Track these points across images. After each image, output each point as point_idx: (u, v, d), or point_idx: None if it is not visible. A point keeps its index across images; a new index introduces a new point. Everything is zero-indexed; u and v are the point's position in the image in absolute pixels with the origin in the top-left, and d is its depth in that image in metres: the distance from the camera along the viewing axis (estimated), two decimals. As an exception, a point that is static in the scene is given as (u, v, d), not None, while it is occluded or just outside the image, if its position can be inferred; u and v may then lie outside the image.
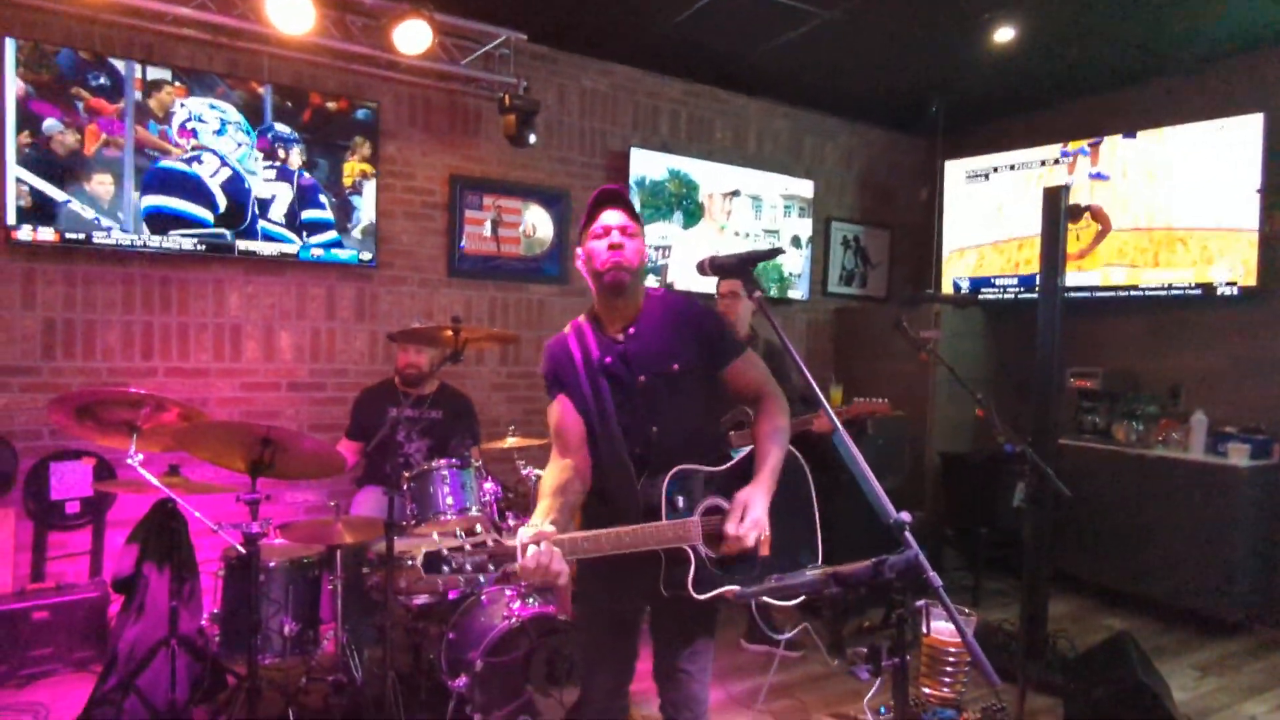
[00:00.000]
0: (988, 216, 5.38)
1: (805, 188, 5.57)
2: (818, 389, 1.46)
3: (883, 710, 2.93)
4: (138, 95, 3.57)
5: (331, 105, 4.02)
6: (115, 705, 2.83)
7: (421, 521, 2.63)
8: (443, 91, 4.40)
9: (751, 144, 5.53)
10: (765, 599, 1.90)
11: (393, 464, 3.38)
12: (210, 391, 3.88)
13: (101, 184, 3.51)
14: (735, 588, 1.71)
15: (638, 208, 2.02)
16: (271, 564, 2.80)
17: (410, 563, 2.74)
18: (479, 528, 2.95)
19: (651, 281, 5.03)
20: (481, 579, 1.32)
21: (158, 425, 2.59)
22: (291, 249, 3.95)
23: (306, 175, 3.97)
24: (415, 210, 4.38)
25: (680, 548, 1.69)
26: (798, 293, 5.63)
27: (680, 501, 1.75)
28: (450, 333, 2.64)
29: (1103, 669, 2.74)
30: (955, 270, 5.56)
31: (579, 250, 1.88)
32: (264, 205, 3.87)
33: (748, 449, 1.88)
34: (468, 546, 1.40)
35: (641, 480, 1.77)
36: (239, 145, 3.80)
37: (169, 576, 2.88)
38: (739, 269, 1.67)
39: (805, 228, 5.60)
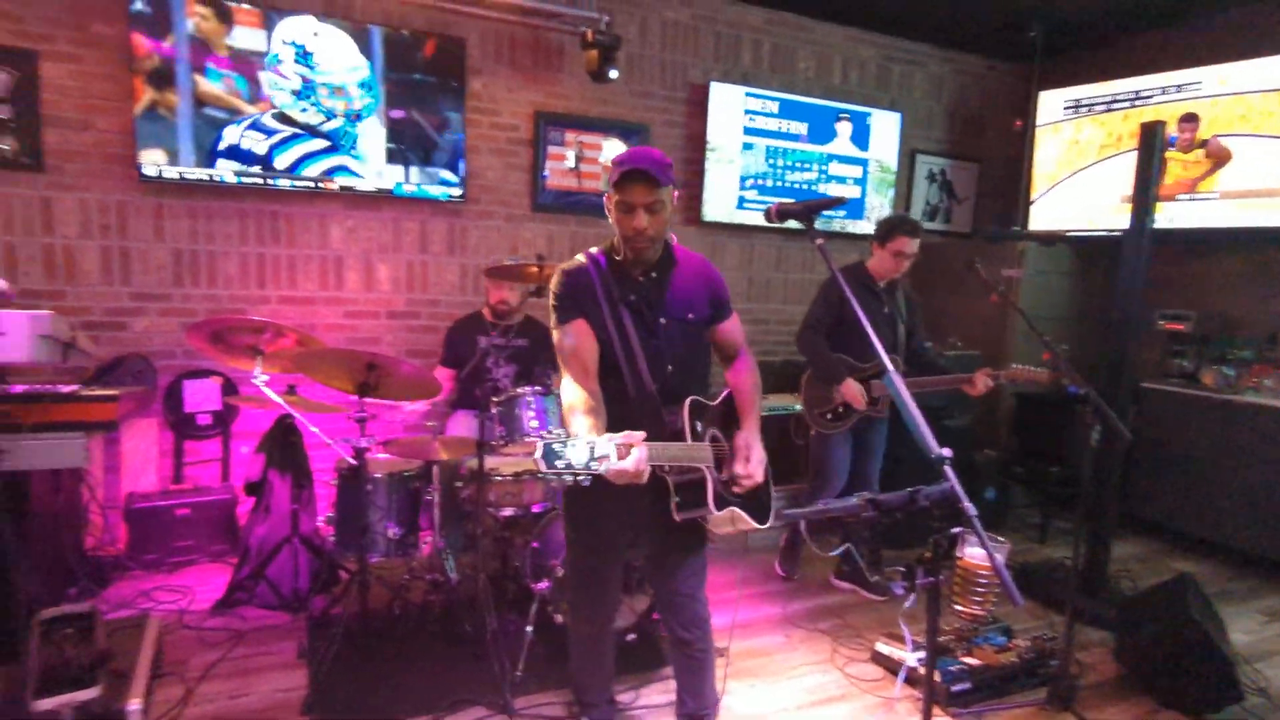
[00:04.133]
0: (1083, 149, 5.15)
1: (891, 121, 5.45)
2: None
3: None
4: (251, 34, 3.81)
5: (419, 42, 4.17)
6: (249, 590, 3.28)
7: (509, 442, 2.88)
8: (527, 27, 4.48)
9: (836, 74, 5.41)
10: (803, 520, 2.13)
11: (482, 389, 3.67)
12: (317, 318, 4.23)
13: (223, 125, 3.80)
14: (743, 514, 1.99)
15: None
16: (377, 475, 3.13)
17: (499, 478, 3.01)
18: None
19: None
20: (581, 477, 1.46)
21: (278, 349, 2.90)
22: (387, 184, 4.19)
23: (398, 111, 4.16)
24: (501, 146, 4.54)
25: (697, 469, 1.89)
26: (877, 228, 5.58)
27: (698, 427, 1.97)
28: (535, 269, 2.83)
29: (1157, 607, 2.81)
30: (1045, 207, 5.38)
31: (605, 194, 1.96)
32: (357, 141, 4.10)
33: (725, 391, 2.15)
34: (573, 445, 1.49)
35: (664, 410, 1.95)
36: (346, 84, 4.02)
37: (290, 483, 3.26)
38: (804, 215, 1.77)
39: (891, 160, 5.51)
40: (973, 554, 2.92)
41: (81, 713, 1.83)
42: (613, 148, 4.79)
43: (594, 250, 2.06)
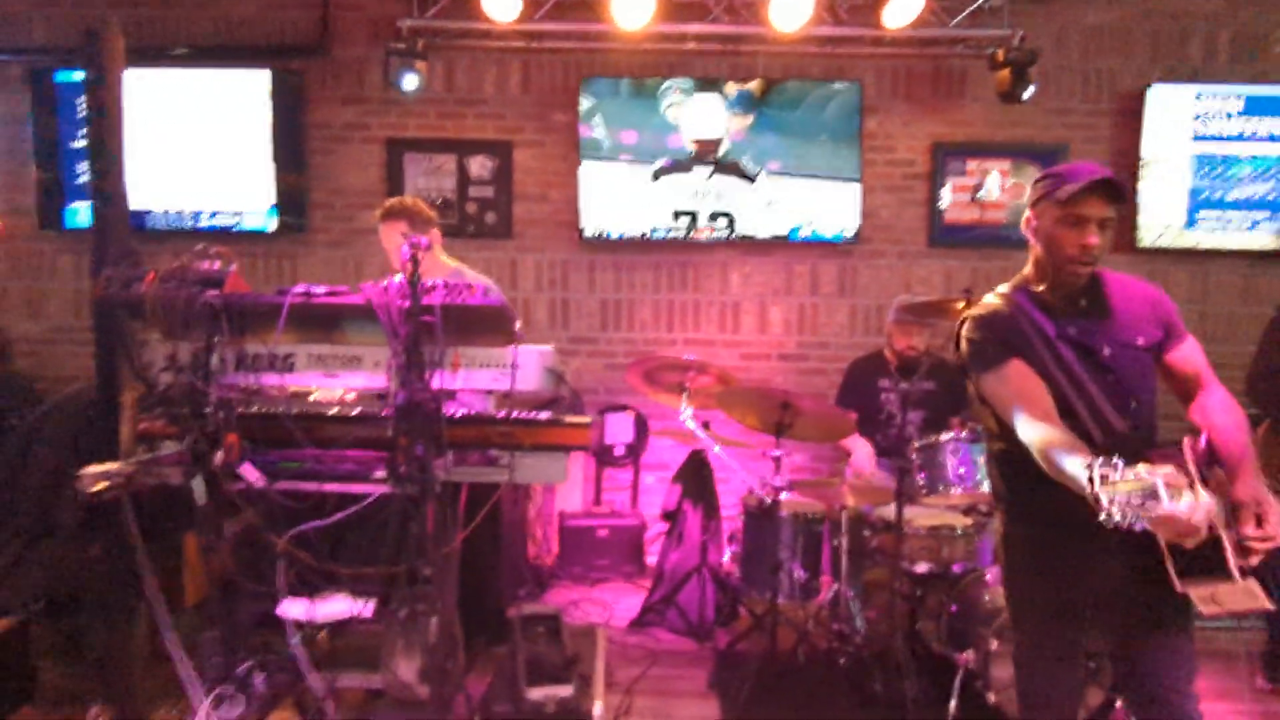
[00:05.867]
0: None
1: None
2: None
3: None
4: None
5: (814, 89, 4.23)
6: (660, 613, 3.49)
7: (931, 492, 2.67)
8: (926, 58, 4.31)
9: (1330, 55, 4.29)
10: None
11: (884, 434, 3.51)
12: (715, 360, 4.44)
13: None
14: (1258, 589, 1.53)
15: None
16: (782, 514, 3.13)
17: (920, 531, 2.81)
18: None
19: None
20: (1136, 514, 1.20)
21: (699, 387, 3.08)
22: (782, 230, 4.30)
23: (792, 158, 4.26)
24: (895, 183, 4.40)
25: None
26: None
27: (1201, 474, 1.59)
28: (962, 304, 2.61)
29: None
30: None
31: (1029, 213, 1.79)
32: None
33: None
34: (1125, 475, 1.25)
35: (1148, 452, 1.60)
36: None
37: (701, 514, 3.42)
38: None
39: None
40: None
41: (560, 707, 2.07)
42: (1021, 174, 4.34)
43: (1003, 289, 1.87)
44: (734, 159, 4.26)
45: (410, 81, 3.99)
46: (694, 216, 4.28)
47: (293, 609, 2.14)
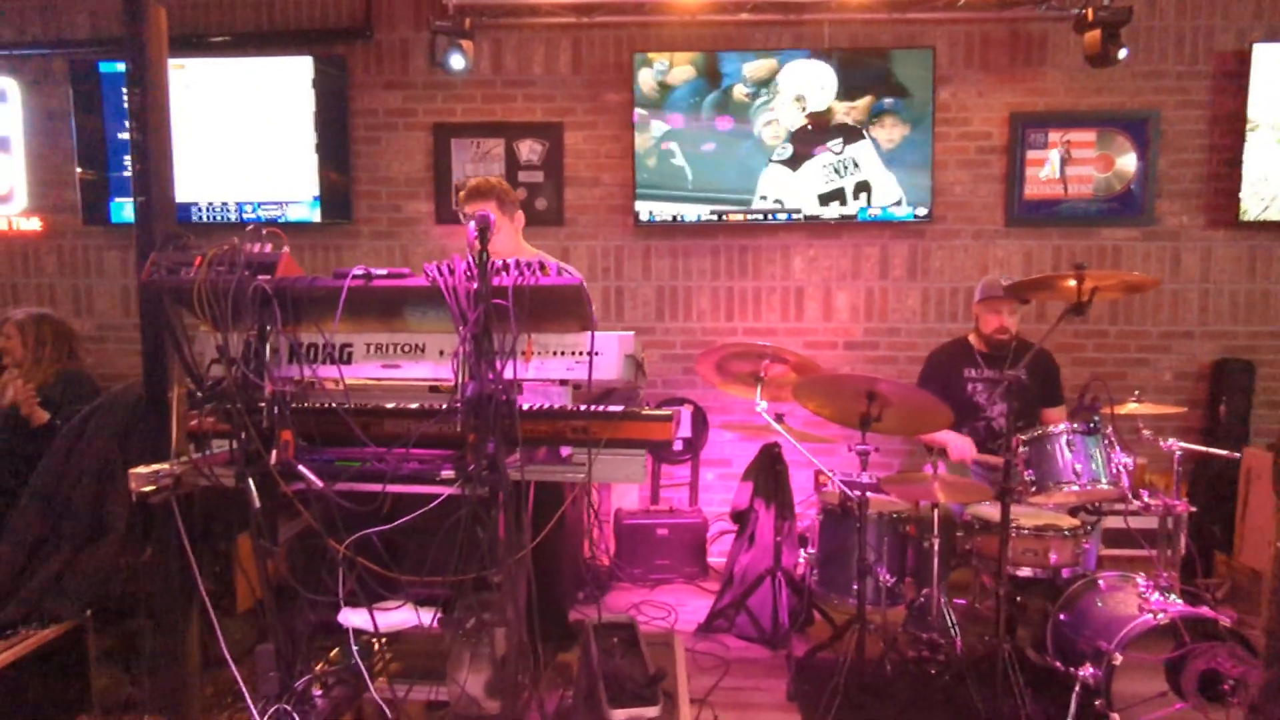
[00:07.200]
0: None
1: None
2: None
3: None
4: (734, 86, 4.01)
5: (885, 60, 3.96)
6: (729, 618, 3.29)
7: (1040, 490, 2.42)
8: (1003, 22, 4.01)
9: None
10: None
11: (972, 427, 3.26)
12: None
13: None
14: None
15: None
16: (869, 514, 2.89)
17: (1024, 532, 2.55)
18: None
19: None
20: None
21: (775, 377, 2.86)
22: (851, 210, 4.04)
23: (861, 134, 4.00)
24: (970, 157, 4.11)
25: None
26: None
27: None
28: (1072, 282, 2.34)
29: None
30: None
31: None
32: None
33: None
34: None
35: None
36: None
37: (774, 514, 3.21)
38: None
39: None
40: None
41: (645, 729, 1.88)
42: (1109, 144, 4.03)
43: None
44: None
45: (457, 61, 3.82)
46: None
47: (353, 618, 1.98)
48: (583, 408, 1.87)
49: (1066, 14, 3.86)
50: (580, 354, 1.80)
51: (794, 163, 4.02)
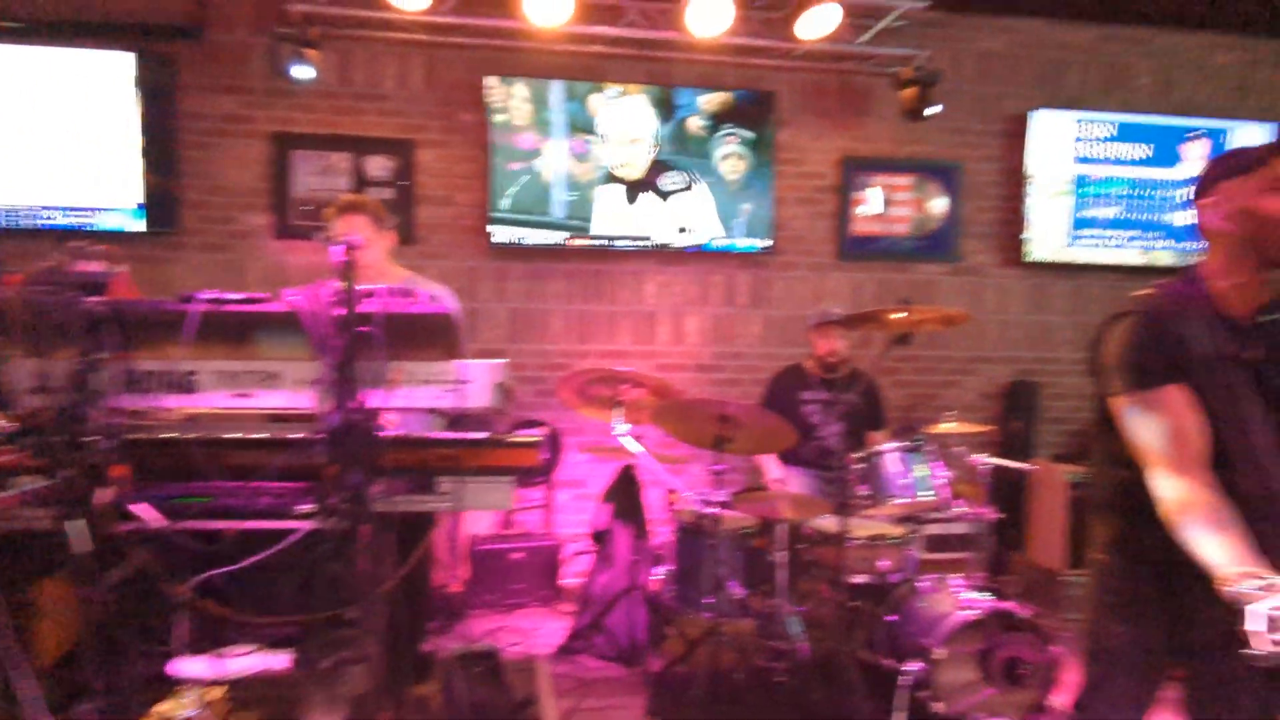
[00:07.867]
0: None
1: (1259, 135, 4.62)
2: None
3: None
4: (577, 112, 4.10)
5: (729, 100, 4.22)
6: (587, 639, 3.31)
7: (875, 504, 2.66)
8: (834, 74, 4.40)
9: (1186, 87, 4.71)
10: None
11: (807, 446, 3.50)
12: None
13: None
14: None
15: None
16: (719, 531, 3.04)
17: (858, 542, 2.79)
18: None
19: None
20: None
21: (633, 400, 2.94)
22: (700, 239, 4.25)
23: (707, 168, 4.23)
24: (806, 195, 4.46)
25: None
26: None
27: None
28: (900, 315, 2.62)
29: None
30: None
31: (1206, 201, 1.47)
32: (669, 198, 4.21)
33: None
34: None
35: None
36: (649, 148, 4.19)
37: (631, 533, 3.28)
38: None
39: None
40: None
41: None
42: (921, 190, 4.51)
43: (1167, 284, 1.53)
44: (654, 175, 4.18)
45: (301, 71, 3.65)
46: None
47: (190, 667, 1.83)
48: (450, 436, 1.85)
49: (886, 71, 4.29)
50: (449, 382, 1.78)
51: (645, 190, 4.17)
